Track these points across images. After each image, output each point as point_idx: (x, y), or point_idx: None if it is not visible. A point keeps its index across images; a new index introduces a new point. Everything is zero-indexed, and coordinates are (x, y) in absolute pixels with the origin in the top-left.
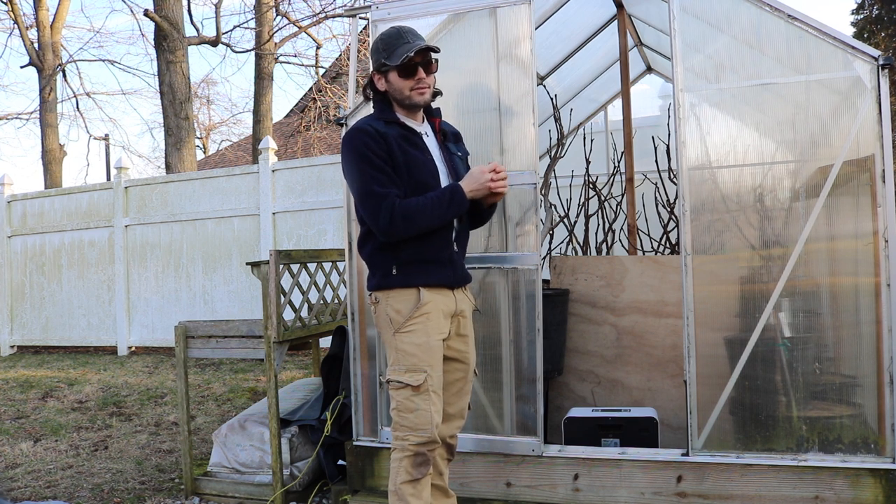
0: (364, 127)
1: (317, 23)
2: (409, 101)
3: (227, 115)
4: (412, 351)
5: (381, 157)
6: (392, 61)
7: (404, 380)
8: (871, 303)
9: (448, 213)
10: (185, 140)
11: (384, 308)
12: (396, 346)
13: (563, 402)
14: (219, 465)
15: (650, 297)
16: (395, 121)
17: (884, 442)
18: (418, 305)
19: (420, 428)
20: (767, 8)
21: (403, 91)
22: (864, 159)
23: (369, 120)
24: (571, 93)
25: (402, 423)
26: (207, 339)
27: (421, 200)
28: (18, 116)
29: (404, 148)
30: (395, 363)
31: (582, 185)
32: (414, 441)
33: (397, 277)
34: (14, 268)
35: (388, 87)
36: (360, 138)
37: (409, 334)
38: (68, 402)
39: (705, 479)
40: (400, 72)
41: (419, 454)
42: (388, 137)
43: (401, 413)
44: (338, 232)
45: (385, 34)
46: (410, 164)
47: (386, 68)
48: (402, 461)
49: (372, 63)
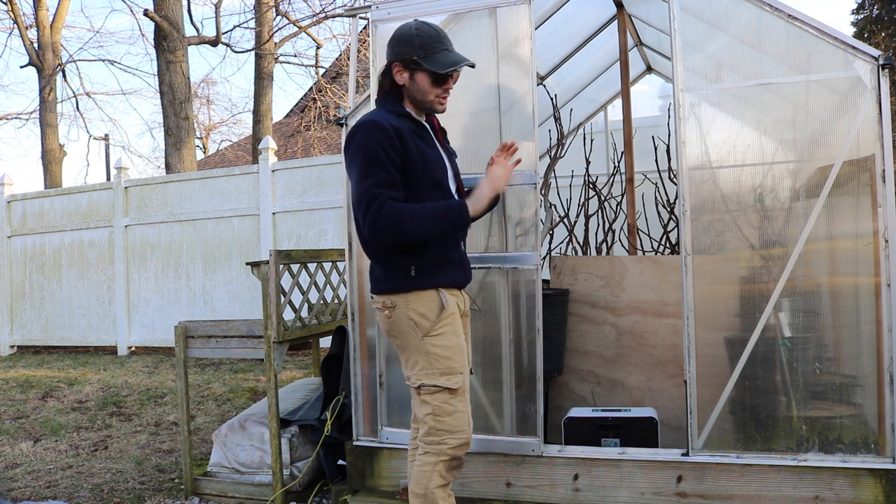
0: (380, 121)
1: (317, 23)
2: (430, 106)
3: (227, 115)
4: (446, 354)
5: (392, 157)
6: (430, 64)
7: (441, 383)
8: (872, 303)
9: (444, 227)
10: (185, 140)
11: (404, 312)
12: (427, 350)
13: (563, 402)
14: (219, 465)
15: (650, 297)
16: (405, 114)
17: (884, 442)
18: (444, 307)
19: (458, 430)
20: (767, 8)
21: (428, 95)
22: (864, 159)
23: (383, 113)
24: (571, 93)
25: (440, 427)
26: (207, 339)
27: (417, 208)
28: (18, 116)
29: (417, 143)
30: (426, 367)
31: (582, 185)
32: (452, 444)
33: (417, 279)
34: (14, 268)
35: (409, 84)
36: (374, 135)
37: (441, 337)
38: (68, 402)
39: (705, 479)
40: (434, 78)
41: (455, 458)
42: (402, 132)
43: (438, 417)
44: (338, 232)
45: (423, 31)
46: (425, 160)
47: (416, 66)
48: (436, 465)
49: (394, 52)
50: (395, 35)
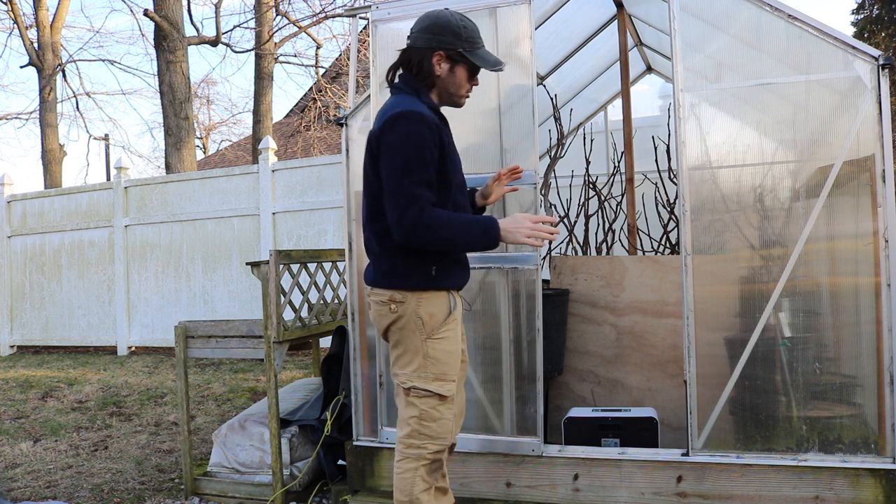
0: (424, 115)
1: (317, 23)
2: (457, 101)
3: (227, 115)
4: (444, 359)
5: (433, 155)
6: (475, 59)
7: (433, 388)
8: (872, 303)
9: (473, 243)
10: (185, 140)
11: (413, 309)
12: (426, 352)
13: (563, 402)
14: (219, 465)
15: (650, 297)
16: (435, 107)
17: (884, 442)
18: (451, 310)
19: (440, 436)
20: (767, 8)
21: (460, 90)
22: (864, 159)
23: (420, 104)
24: (571, 93)
25: (423, 431)
26: (207, 339)
27: (455, 220)
28: (18, 116)
29: (450, 141)
30: (420, 370)
31: (582, 185)
32: (432, 449)
33: (436, 280)
34: (14, 268)
35: (447, 75)
36: (421, 129)
37: (442, 341)
38: (68, 402)
39: (705, 479)
40: (471, 72)
41: (436, 461)
42: (440, 129)
43: (423, 422)
44: (338, 232)
45: (467, 23)
46: (455, 161)
47: (460, 59)
48: (417, 470)
49: (438, 40)
50: (438, 23)
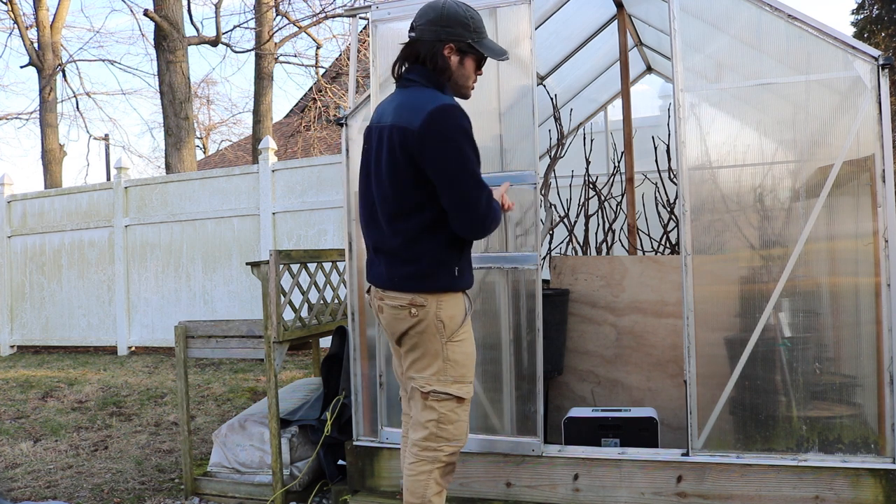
0: (460, 106)
1: (317, 23)
2: (466, 91)
3: (227, 115)
4: (463, 361)
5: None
6: (484, 49)
7: (453, 391)
8: (871, 303)
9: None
10: (185, 140)
11: (434, 312)
12: (447, 355)
13: (563, 402)
14: (219, 465)
15: (650, 297)
16: None
17: (884, 442)
18: (467, 311)
19: (457, 438)
20: (767, 8)
21: (468, 81)
22: (864, 159)
23: (450, 98)
24: (571, 93)
25: (441, 434)
26: (207, 339)
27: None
28: (18, 116)
29: None
30: (440, 373)
31: (582, 185)
32: (447, 452)
33: (457, 280)
34: (14, 268)
35: (456, 67)
36: (465, 121)
37: (461, 343)
38: (68, 402)
39: (705, 479)
40: (479, 63)
41: (450, 464)
42: None
43: (441, 425)
44: (338, 232)
45: (473, 14)
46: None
47: (469, 50)
48: (431, 473)
49: (448, 32)
50: (445, 14)
